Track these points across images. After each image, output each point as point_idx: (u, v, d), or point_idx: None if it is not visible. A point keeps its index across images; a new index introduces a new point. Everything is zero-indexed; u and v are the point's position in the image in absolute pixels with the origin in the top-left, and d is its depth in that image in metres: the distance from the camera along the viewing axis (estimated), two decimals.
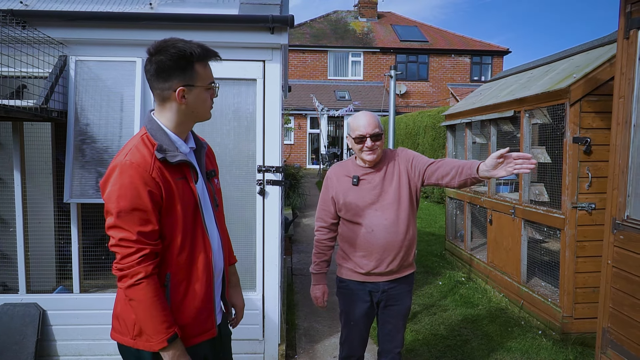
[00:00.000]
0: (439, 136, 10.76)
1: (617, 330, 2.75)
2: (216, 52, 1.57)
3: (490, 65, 23.01)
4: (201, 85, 1.54)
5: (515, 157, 1.82)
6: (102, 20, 3.04)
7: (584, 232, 3.59)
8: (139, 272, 1.41)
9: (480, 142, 5.31)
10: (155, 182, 1.44)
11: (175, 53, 1.47)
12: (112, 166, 1.46)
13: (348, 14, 24.74)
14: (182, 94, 1.51)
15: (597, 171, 3.55)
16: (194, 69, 1.51)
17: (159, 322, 1.43)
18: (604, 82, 3.46)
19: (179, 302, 1.54)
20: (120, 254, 1.42)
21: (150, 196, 1.43)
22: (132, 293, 1.42)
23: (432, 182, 2.18)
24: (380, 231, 2.18)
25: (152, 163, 1.46)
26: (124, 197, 1.41)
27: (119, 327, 1.56)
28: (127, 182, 1.41)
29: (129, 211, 1.41)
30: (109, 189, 1.43)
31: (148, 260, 1.43)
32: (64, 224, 3.66)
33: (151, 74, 1.51)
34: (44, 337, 3.24)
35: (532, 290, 4.12)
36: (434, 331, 3.98)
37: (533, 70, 4.91)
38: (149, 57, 1.51)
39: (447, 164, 2.13)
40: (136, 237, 1.41)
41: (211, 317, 1.63)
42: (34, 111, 2.76)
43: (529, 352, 3.56)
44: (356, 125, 2.20)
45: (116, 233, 1.42)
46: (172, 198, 1.49)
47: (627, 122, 2.61)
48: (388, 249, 2.20)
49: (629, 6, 2.58)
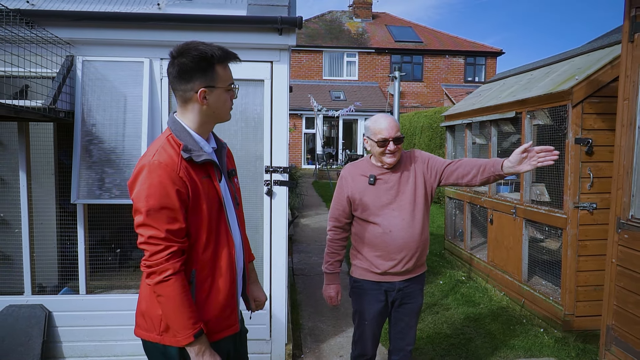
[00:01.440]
0: (435, 136, 10.83)
1: (621, 328, 2.80)
2: (236, 54, 1.60)
3: (484, 66, 23.18)
4: (222, 87, 1.58)
5: (538, 151, 1.88)
6: (110, 21, 3.04)
7: (586, 232, 3.64)
8: (167, 269, 1.44)
9: (480, 142, 5.36)
10: (182, 181, 1.48)
11: (197, 55, 1.50)
12: (140, 166, 1.48)
13: (343, 14, 24.79)
14: (204, 95, 1.54)
15: (598, 172, 3.60)
16: (215, 70, 1.55)
17: (186, 317, 1.46)
18: (605, 84, 3.52)
19: (204, 298, 1.57)
20: (149, 251, 1.45)
21: (178, 195, 1.46)
22: (161, 289, 1.45)
23: (451, 181, 2.21)
24: (398, 231, 2.21)
25: (179, 163, 1.49)
26: (152, 196, 1.43)
27: (144, 324, 1.58)
28: (156, 181, 1.44)
29: (157, 209, 1.43)
30: (137, 189, 1.46)
31: (176, 257, 1.46)
32: (65, 224, 3.65)
33: (174, 75, 1.54)
34: (50, 338, 3.23)
35: (534, 289, 4.18)
36: (438, 330, 4.01)
37: (533, 71, 4.96)
38: (171, 60, 1.54)
39: (466, 164, 2.18)
40: (164, 234, 1.44)
41: (234, 313, 1.67)
42: (43, 111, 2.75)
43: (532, 350, 3.61)
44: (378, 129, 2.22)
45: (145, 231, 1.45)
46: (198, 197, 1.52)
47: (632, 124, 2.66)
48: (405, 249, 2.22)
49: (633, 10, 2.63)
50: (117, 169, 3.09)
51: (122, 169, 3.09)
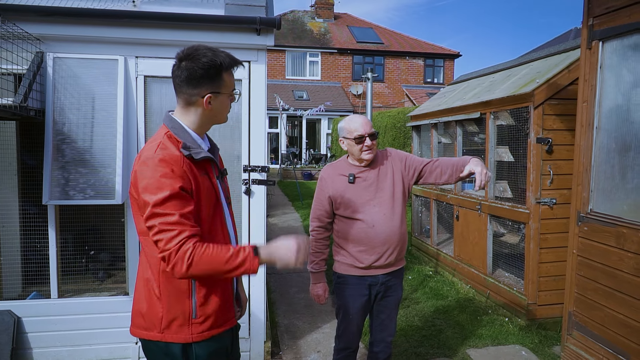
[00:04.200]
0: (399, 135, 11.10)
1: (582, 313, 3.02)
2: (240, 60, 1.64)
3: (442, 67, 23.91)
4: (226, 93, 1.62)
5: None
6: (83, 17, 2.96)
7: (547, 226, 3.88)
8: (187, 250, 1.40)
9: (446, 141, 5.57)
10: (186, 175, 1.50)
11: (206, 62, 1.53)
12: (143, 161, 1.48)
13: (305, 14, 24.86)
14: (209, 100, 1.58)
15: (557, 169, 3.85)
16: (222, 77, 1.58)
17: (234, 256, 1.44)
18: (563, 87, 3.77)
19: (206, 294, 1.58)
20: (164, 240, 1.41)
21: (184, 187, 1.47)
22: (194, 270, 1.41)
23: (430, 181, 2.36)
24: (381, 226, 2.31)
25: (182, 159, 1.51)
26: (161, 188, 1.43)
27: (143, 324, 1.58)
28: (162, 173, 1.45)
29: (166, 199, 1.43)
30: (145, 183, 1.45)
31: (192, 240, 1.43)
32: (29, 227, 3.52)
33: (181, 79, 1.55)
34: (20, 345, 3.11)
35: (498, 281, 4.40)
36: (410, 323, 4.16)
37: (494, 74, 5.21)
38: (177, 63, 1.56)
39: (443, 163, 2.33)
40: (177, 218, 1.42)
41: (232, 307, 1.71)
42: (14, 109, 2.65)
43: (499, 338, 3.82)
44: (354, 127, 2.32)
45: (156, 220, 1.43)
46: (199, 192, 1.54)
47: (590, 125, 2.87)
48: (387, 243, 2.33)
49: (591, 19, 2.84)
50: (92, 169, 3.02)
51: (97, 168, 3.02)
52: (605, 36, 2.75)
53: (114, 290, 3.60)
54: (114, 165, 3.04)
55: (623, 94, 2.69)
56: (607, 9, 2.72)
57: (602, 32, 2.77)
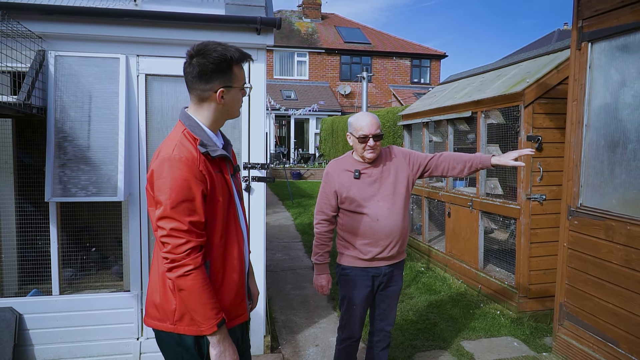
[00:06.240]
0: (388, 135, 11.22)
1: (572, 304, 3.14)
2: (250, 55, 1.68)
3: (429, 68, 24.16)
4: (237, 86, 1.66)
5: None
6: (84, 16, 2.99)
7: (537, 221, 4.01)
8: (189, 264, 1.48)
9: (437, 140, 5.69)
10: (202, 174, 1.53)
11: (217, 57, 1.57)
12: (160, 160, 1.52)
13: (292, 14, 24.91)
14: (222, 95, 1.61)
15: (547, 166, 3.98)
16: (233, 71, 1.62)
17: (209, 308, 1.52)
18: (552, 87, 3.90)
19: (218, 289, 1.63)
20: (171, 244, 1.48)
21: (198, 188, 1.51)
22: (182, 283, 1.49)
23: (437, 174, 2.44)
24: (384, 220, 2.39)
25: (198, 157, 1.55)
26: (175, 190, 1.48)
27: (157, 315, 1.62)
28: (177, 174, 1.49)
29: (180, 202, 1.48)
30: (160, 182, 1.49)
31: (195, 252, 1.51)
32: (26, 225, 3.52)
33: (193, 75, 1.59)
34: (21, 342, 3.12)
35: (490, 275, 4.52)
36: (404, 317, 4.25)
37: (484, 74, 5.34)
38: (189, 60, 1.59)
39: (451, 158, 2.48)
40: (187, 227, 1.49)
41: (244, 302, 1.75)
42: (18, 107, 2.67)
43: (491, 330, 3.93)
44: (360, 126, 2.39)
45: (167, 223, 1.48)
46: (214, 190, 1.59)
47: (580, 122, 3.00)
48: (391, 236, 2.42)
49: (580, 21, 2.97)
50: (94, 167, 3.04)
51: (99, 166, 3.05)
52: (594, 38, 2.87)
53: (113, 287, 3.62)
54: (116, 162, 3.07)
55: (611, 93, 2.81)
56: (595, 11, 2.84)
57: (591, 33, 2.89)
